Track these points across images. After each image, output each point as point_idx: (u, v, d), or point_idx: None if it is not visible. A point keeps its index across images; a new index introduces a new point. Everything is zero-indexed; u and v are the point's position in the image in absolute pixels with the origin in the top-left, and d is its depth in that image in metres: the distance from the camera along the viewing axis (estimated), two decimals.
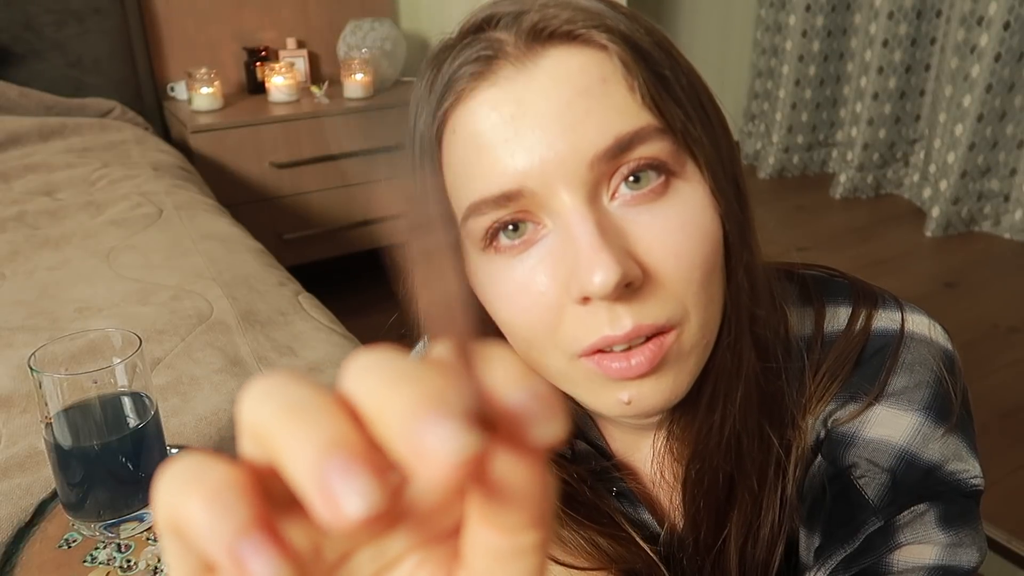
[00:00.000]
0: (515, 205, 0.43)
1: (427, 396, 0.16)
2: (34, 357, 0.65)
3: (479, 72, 0.43)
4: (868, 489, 0.49)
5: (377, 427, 0.17)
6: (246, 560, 0.17)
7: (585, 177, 0.42)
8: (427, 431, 0.16)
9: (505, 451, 0.18)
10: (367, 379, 0.17)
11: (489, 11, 0.45)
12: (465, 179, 0.44)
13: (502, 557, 0.20)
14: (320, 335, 1.13)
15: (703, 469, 0.51)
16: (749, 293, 0.47)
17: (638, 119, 0.42)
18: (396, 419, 0.16)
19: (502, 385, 0.18)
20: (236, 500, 0.17)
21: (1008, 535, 1.39)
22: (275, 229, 2.26)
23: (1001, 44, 2.49)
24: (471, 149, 0.44)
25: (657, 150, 0.42)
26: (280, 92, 2.39)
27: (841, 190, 3.09)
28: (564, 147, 0.41)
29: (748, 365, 0.48)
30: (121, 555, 0.70)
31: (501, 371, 0.18)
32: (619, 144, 0.42)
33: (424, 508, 0.21)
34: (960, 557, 0.48)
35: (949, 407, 0.49)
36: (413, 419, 0.16)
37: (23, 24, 2.19)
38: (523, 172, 0.42)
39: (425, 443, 0.16)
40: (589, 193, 0.42)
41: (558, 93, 0.42)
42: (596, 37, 0.43)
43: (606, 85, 0.42)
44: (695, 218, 0.43)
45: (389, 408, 0.17)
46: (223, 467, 0.18)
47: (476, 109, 0.43)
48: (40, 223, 1.56)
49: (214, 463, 0.18)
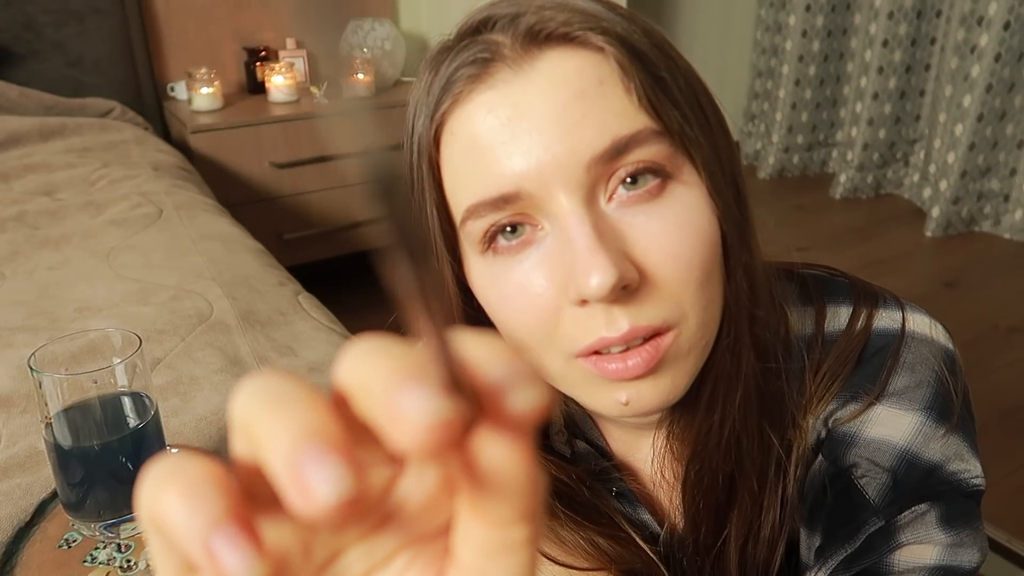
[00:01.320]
0: (512, 207, 0.43)
1: (405, 367, 0.17)
2: (34, 357, 0.65)
3: (476, 75, 0.43)
4: (869, 489, 0.49)
5: (360, 403, 0.18)
6: (219, 554, 0.17)
7: (582, 179, 0.42)
8: (403, 397, 0.17)
9: (490, 432, 0.18)
10: (353, 360, 0.18)
11: (486, 13, 0.45)
12: (463, 181, 0.45)
13: (493, 552, 0.20)
14: (320, 335, 1.13)
15: (703, 469, 0.51)
16: (748, 294, 0.47)
17: (635, 121, 0.42)
18: (376, 389, 0.17)
19: (481, 361, 0.18)
20: (211, 493, 0.17)
21: (1008, 535, 1.39)
22: (275, 229, 2.26)
23: (1001, 44, 2.49)
24: (469, 152, 0.44)
25: (654, 152, 0.42)
26: (280, 92, 2.39)
27: (841, 190, 3.09)
28: (561, 149, 0.41)
29: (748, 365, 0.48)
30: (121, 555, 0.70)
31: (479, 349, 0.18)
32: (616, 146, 0.42)
33: (414, 506, 0.21)
34: (961, 557, 0.48)
35: (950, 407, 0.49)
36: (391, 387, 0.17)
37: (23, 24, 2.19)
38: (520, 175, 0.42)
39: (402, 408, 0.17)
40: (586, 195, 0.42)
41: (555, 96, 0.42)
42: (593, 39, 0.43)
43: (603, 87, 0.42)
44: (692, 219, 0.43)
45: (370, 381, 0.17)
46: (202, 463, 0.18)
47: (473, 112, 0.44)
48: (40, 223, 1.56)
49: (194, 459, 0.18)
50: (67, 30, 2.25)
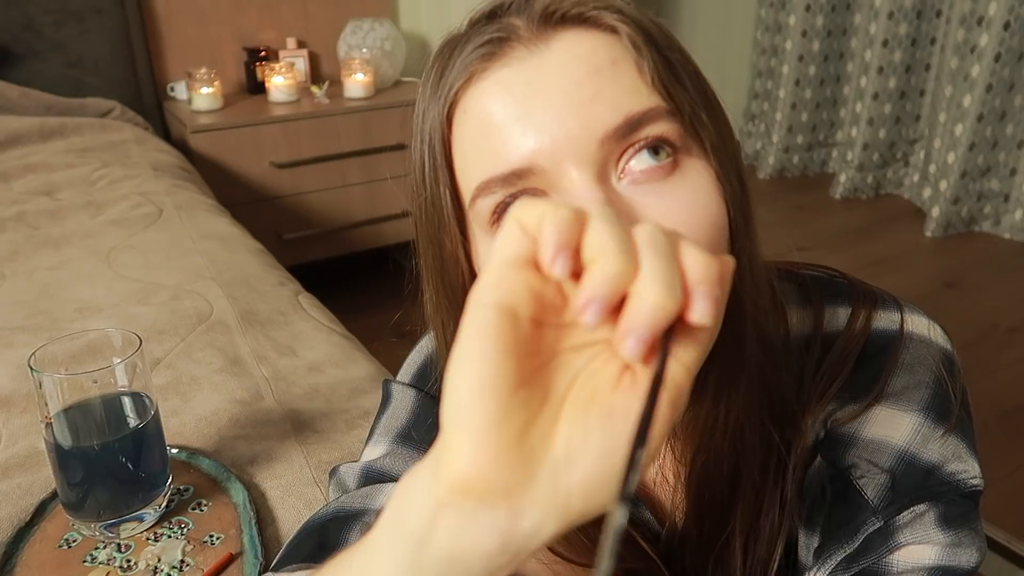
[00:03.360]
0: (524, 183, 0.43)
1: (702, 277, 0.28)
2: (34, 357, 0.65)
3: (491, 53, 0.44)
4: (868, 489, 0.49)
5: (625, 282, 0.28)
6: (556, 263, 0.29)
7: (595, 155, 0.42)
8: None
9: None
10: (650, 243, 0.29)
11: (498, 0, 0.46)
12: (475, 159, 0.45)
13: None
14: (320, 335, 1.13)
15: (708, 461, 0.51)
16: (752, 282, 0.47)
17: (648, 100, 0.42)
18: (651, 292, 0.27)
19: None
20: (570, 231, 0.29)
21: (1008, 535, 1.39)
22: (275, 229, 2.26)
23: (1001, 44, 2.49)
24: (482, 129, 0.44)
25: (666, 130, 0.43)
26: (280, 92, 2.39)
27: (841, 190, 3.09)
28: (574, 125, 0.42)
29: (751, 355, 0.48)
30: (121, 555, 0.70)
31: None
32: (629, 123, 0.42)
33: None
34: (960, 558, 0.48)
35: (949, 407, 0.49)
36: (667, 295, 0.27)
37: (23, 24, 2.19)
38: (533, 150, 0.42)
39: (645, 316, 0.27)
40: (598, 171, 0.42)
41: (569, 73, 0.42)
42: (606, 19, 0.43)
43: (616, 66, 0.43)
44: (702, 199, 0.43)
45: (648, 278, 0.28)
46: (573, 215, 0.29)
47: (487, 88, 0.44)
48: (40, 223, 1.56)
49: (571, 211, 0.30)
50: (67, 30, 2.25)
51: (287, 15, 2.57)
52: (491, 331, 0.29)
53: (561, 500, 0.29)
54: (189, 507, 0.75)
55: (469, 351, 0.29)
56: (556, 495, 0.29)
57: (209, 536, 0.72)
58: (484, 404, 0.29)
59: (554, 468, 0.29)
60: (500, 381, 0.29)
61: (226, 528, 0.73)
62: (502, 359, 0.29)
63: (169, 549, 0.70)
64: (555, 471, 0.29)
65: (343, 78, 2.44)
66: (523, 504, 0.29)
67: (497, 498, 0.29)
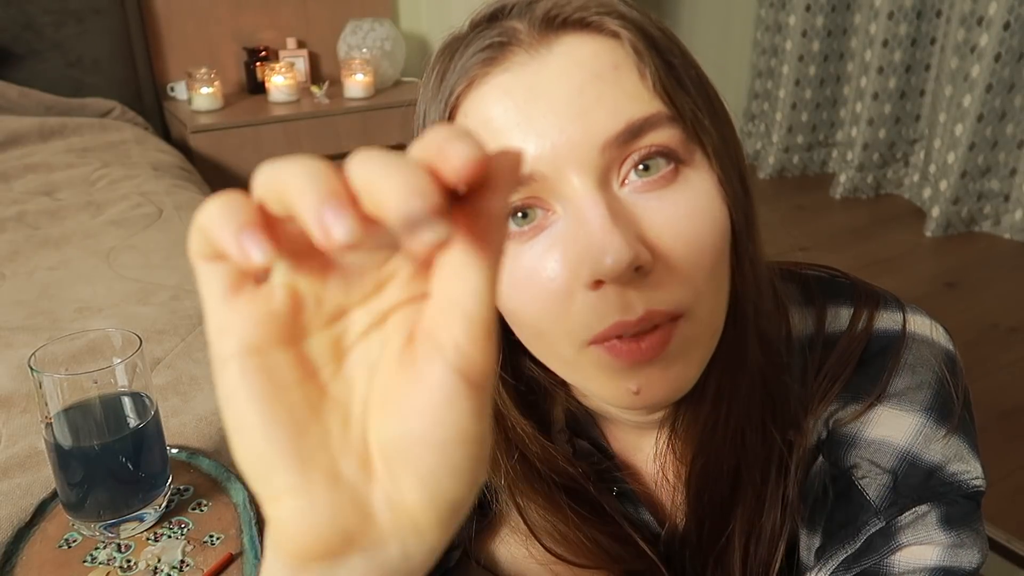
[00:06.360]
0: (525, 190, 0.43)
1: (412, 187, 0.21)
2: (34, 357, 0.65)
3: (492, 58, 0.44)
4: (869, 490, 0.49)
5: (370, 200, 0.22)
6: (244, 246, 0.22)
7: (596, 162, 0.42)
8: (410, 223, 0.21)
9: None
10: (365, 165, 0.22)
11: (501, 2, 0.46)
12: None
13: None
14: None
15: (709, 462, 0.51)
16: (754, 285, 0.47)
17: (649, 106, 0.42)
18: (390, 201, 0.21)
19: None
20: (242, 209, 0.23)
21: (1008, 535, 1.39)
22: None
23: (1001, 44, 2.49)
24: (482, 134, 0.43)
25: (667, 137, 0.42)
26: (280, 92, 2.39)
27: (841, 190, 3.09)
28: (576, 131, 0.41)
29: (753, 358, 0.48)
30: (121, 555, 0.70)
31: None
32: (630, 129, 0.42)
33: (404, 275, 0.26)
34: (961, 558, 0.48)
35: (951, 408, 0.49)
36: (400, 204, 0.21)
37: (23, 24, 2.19)
38: (534, 156, 0.42)
39: (411, 228, 0.21)
40: (600, 178, 0.42)
41: (570, 79, 0.42)
42: (608, 24, 0.43)
43: (618, 71, 0.42)
44: (704, 205, 0.43)
45: (383, 190, 0.21)
46: (244, 199, 0.24)
47: (488, 93, 0.44)
48: (40, 223, 1.56)
49: (240, 197, 0.24)
50: (67, 30, 2.24)
51: (287, 15, 2.57)
52: (242, 390, 0.25)
53: (406, 520, 0.26)
54: (189, 507, 0.75)
55: (234, 420, 0.26)
56: (399, 517, 0.26)
57: (209, 536, 0.72)
58: (278, 468, 0.25)
59: (383, 494, 0.26)
60: (281, 436, 0.25)
61: (226, 528, 0.73)
62: (270, 411, 0.25)
63: (169, 549, 0.70)
64: (385, 496, 0.26)
65: (343, 78, 2.44)
66: (373, 542, 0.26)
67: (344, 549, 0.26)
